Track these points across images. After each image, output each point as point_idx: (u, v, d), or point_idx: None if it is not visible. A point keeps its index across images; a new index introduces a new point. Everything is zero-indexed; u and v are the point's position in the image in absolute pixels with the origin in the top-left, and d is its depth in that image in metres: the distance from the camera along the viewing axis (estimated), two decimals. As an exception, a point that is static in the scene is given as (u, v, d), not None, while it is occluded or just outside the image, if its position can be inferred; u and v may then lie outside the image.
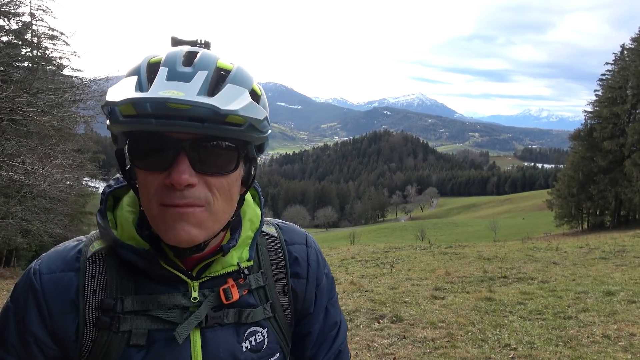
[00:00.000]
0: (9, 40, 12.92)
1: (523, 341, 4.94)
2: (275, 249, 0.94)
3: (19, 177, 8.45)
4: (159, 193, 0.73)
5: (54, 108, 9.29)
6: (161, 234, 0.75)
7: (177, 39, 0.79)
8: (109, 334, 0.79)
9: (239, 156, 0.76)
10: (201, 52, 0.75)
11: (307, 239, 0.99)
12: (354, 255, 13.58)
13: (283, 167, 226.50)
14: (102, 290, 0.81)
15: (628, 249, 11.43)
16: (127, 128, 0.70)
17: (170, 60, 0.73)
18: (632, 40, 39.68)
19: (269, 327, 0.88)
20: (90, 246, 0.84)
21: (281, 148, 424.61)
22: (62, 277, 0.81)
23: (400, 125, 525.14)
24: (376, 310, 6.49)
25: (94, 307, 0.80)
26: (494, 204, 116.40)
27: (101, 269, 0.82)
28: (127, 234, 0.81)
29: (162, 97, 0.66)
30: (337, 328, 1.00)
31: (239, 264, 0.85)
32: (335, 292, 1.03)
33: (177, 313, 0.80)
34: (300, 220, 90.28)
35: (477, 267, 9.75)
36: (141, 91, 0.69)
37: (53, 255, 0.84)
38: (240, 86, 0.73)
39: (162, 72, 0.71)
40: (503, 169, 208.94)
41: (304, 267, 0.95)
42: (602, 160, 39.64)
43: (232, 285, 0.84)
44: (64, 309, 0.80)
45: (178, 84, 0.69)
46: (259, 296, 0.88)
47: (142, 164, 0.73)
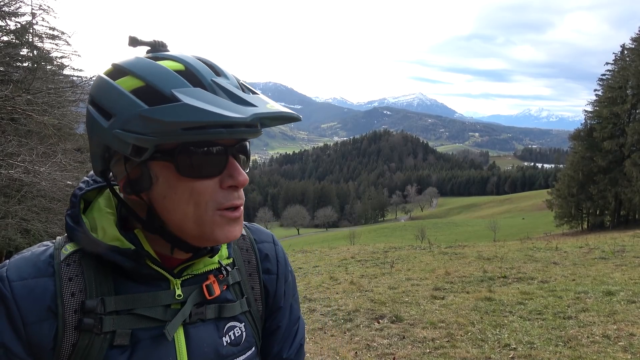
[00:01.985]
0: (9, 40, 12.91)
1: (523, 341, 4.94)
2: (246, 247, 0.98)
3: (19, 175, 8.45)
4: (215, 198, 0.75)
5: (54, 107, 9.29)
6: (213, 236, 0.77)
7: (135, 38, 0.77)
8: (90, 336, 0.76)
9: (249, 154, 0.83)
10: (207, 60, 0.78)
11: (273, 238, 1.04)
12: (354, 255, 13.57)
13: (283, 167, 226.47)
14: (81, 292, 0.78)
15: (628, 249, 11.42)
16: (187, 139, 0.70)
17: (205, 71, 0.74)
18: (632, 40, 39.69)
19: (245, 321, 0.91)
20: (62, 249, 0.81)
21: (281, 148, 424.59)
22: (35, 283, 0.76)
23: (400, 125, 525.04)
24: (376, 310, 6.49)
25: (73, 310, 0.77)
26: (493, 204, 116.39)
27: (77, 271, 0.79)
28: (109, 235, 0.79)
29: (279, 111, 0.71)
30: (298, 323, 1.03)
31: (220, 262, 0.89)
32: (296, 289, 1.08)
33: (160, 311, 0.80)
34: (300, 220, 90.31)
35: (476, 267, 9.75)
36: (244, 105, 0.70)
37: (21, 261, 0.79)
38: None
39: (229, 85, 0.73)
40: (503, 169, 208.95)
41: (274, 263, 0.99)
42: (602, 160, 39.65)
43: (214, 281, 0.86)
44: (39, 317, 0.75)
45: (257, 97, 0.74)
46: (235, 292, 0.91)
47: (194, 173, 0.74)
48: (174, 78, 0.71)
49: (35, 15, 12.57)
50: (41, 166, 8.89)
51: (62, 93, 9.76)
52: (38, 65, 10.80)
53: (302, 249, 18.62)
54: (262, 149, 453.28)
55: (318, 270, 11.09)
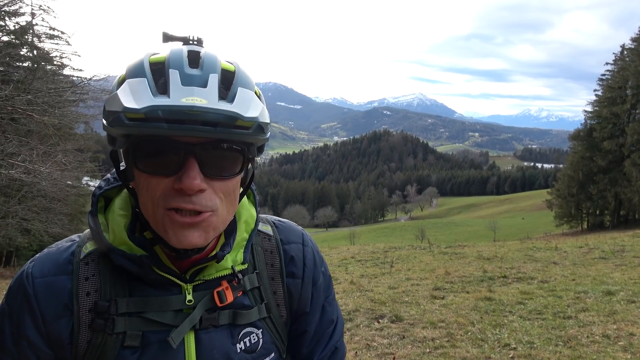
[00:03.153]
0: (10, 40, 12.92)
1: (523, 341, 4.95)
2: (271, 248, 0.93)
3: (19, 175, 8.45)
4: (165, 197, 0.72)
5: (54, 107, 9.29)
6: (166, 238, 0.75)
7: (168, 34, 0.77)
8: (103, 335, 0.79)
9: (244, 158, 0.76)
10: (204, 52, 0.74)
11: (303, 238, 0.98)
12: (354, 255, 13.56)
13: (283, 166, 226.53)
14: (96, 292, 0.80)
15: (628, 249, 11.42)
16: (133, 131, 0.68)
17: (176, 61, 0.71)
18: (631, 40, 39.70)
19: (263, 328, 0.88)
20: (83, 247, 0.84)
21: (281, 148, 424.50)
22: (54, 280, 0.80)
23: (400, 125, 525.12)
24: (376, 310, 6.49)
25: (88, 309, 0.80)
26: (493, 203, 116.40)
27: (95, 270, 0.81)
28: (119, 239, 0.81)
29: (187, 105, 0.65)
30: (333, 325, 0.99)
31: (233, 267, 0.85)
32: (333, 289, 1.03)
33: (171, 315, 0.80)
34: (300, 220, 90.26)
35: (476, 267, 9.76)
36: (159, 95, 0.67)
37: (45, 257, 0.83)
38: (248, 89, 0.74)
39: (173, 75, 0.69)
40: (503, 169, 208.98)
41: (300, 266, 0.94)
42: (602, 160, 39.66)
43: (227, 287, 0.84)
44: (57, 314, 0.79)
45: (196, 89, 0.68)
46: (254, 297, 0.88)
47: (147, 168, 0.72)
48: (136, 69, 0.71)
49: (35, 15, 12.58)
50: (41, 166, 8.89)
51: (62, 93, 9.76)
52: (38, 65, 10.81)
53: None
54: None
55: (318, 270, 11.08)
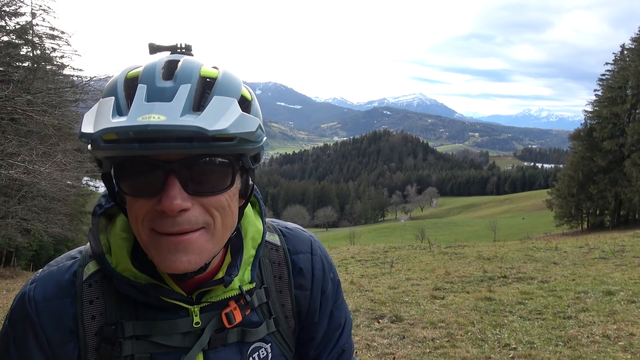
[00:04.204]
0: (10, 40, 12.92)
1: (523, 341, 4.94)
2: (279, 260, 0.91)
3: (19, 175, 8.45)
4: (149, 219, 0.68)
5: (54, 107, 9.29)
6: (155, 262, 0.71)
7: (154, 45, 0.74)
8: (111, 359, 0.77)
9: (234, 171, 0.71)
10: (182, 61, 0.70)
11: (312, 246, 0.95)
12: (354, 255, 13.57)
13: (283, 167, 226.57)
14: (101, 315, 0.78)
15: (628, 249, 11.42)
16: (110, 154, 0.65)
17: (148, 75, 0.67)
18: (632, 40, 39.71)
19: (272, 341, 0.87)
20: (85, 267, 0.81)
21: (281, 148, 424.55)
22: (58, 305, 0.78)
23: (400, 125, 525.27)
24: (376, 310, 6.49)
25: (94, 332, 0.78)
26: (493, 203, 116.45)
27: (99, 293, 0.79)
28: (122, 265, 0.78)
29: (142, 124, 0.60)
30: (340, 329, 0.98)
31: (241, 288, 0.82)
32: (341, 293, 1.01)
33: (178, 338, 0.78)
34: (300, 220, 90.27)
35: (476, 267, 9.75)
36: (119, 115, 0.63)
37: (47, 279, 0.80)
38: (228, 96, 0.68)
39: (140, 91, 0.65)
40: (503, 169, 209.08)
41: (309, 278, 0.92)
42: (602, 160, 39.67)
43: (235, 308, 0.82)
44: (63, 339, 0.77)
45: (159, 105, 0.63)
46: (262, 312, 0.86)
47: (129, 190, 0.69)
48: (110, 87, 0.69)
49: (35, 15, 12.57)
50: (41, 166, 8.89)
51: (62, 93, 9.76)
52: (38, 65, 10.81)
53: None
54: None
55: (318, 270, 11.09)
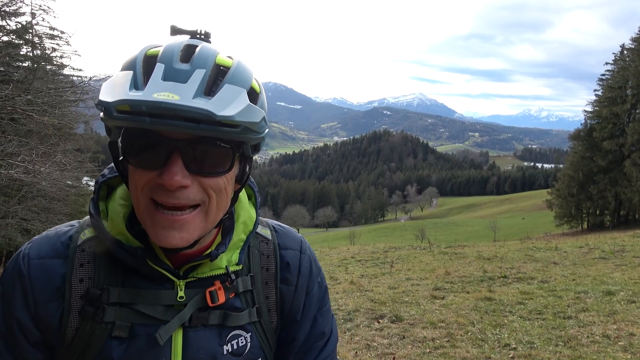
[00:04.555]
0: (10, 40, 12.92)
1: (523, 341, 4.95)
2: (268, 252, 0.93)
3: (19, 175, 8.45)
4: (149, 188, 0.72)
5: (54, 107, 9.29)
6: (149, 234, 0.75)
7: (176, 27, 0.77)
8: (92, 323, 0.79)
9: (233, 156, 0.75)
10: (200, 47, 0.73)
11: (301, 246, 0.97)
12: (354, 255, 13.58)
13: (283, 167, 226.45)
14: (90, 279, 0.80)
15: (628, 249, 11.43)
16: (121, 124, 0.69)
17: (167, 55, 0.71)
18: (632, 40, 39.70)
19: (252, 332, 0.87)
20: (81, 233, 0.84)
21: (281, 148, 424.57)
22: (50, 263, 0.80)
23: (400, 125, 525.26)
24: (376, 310, 6.49)
25: (79, 295, 0.80)
26: (493, 203, 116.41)
27: (90, 257, 0.82)
28: (116, 229, 0.81)
29: (157, 101, 0.64)
30: (325, 339, 0.98)
31: (227, 268, 0.84)
32: (328, 301, 1.01)
33: (161, 310, 0.80)
34: (300, 220, 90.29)
35: (476, 267, 9.75)
36: (136, 89, 0.68)
37: (44, 240, 0.84)
38: (239, 85, 0.72)
39: (157, 70, 0.69)
40: (503, 169, 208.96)
41: (295, 274, 0.93)
42: (602, 160, 39.67)
43: (219, 288, 0.83)
44: (49, 297, 0.79)
45: (174, 85, 0.67)
46: (246, 299, 0.88)
47: (134, 161, 0.73)
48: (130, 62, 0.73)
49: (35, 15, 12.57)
50: (41, 166, 8.89)
51: (62, 93, 9.75)
52: (38, 65, 10.81)
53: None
54: (262, 149, 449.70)
55: (318, 270, 11.09)
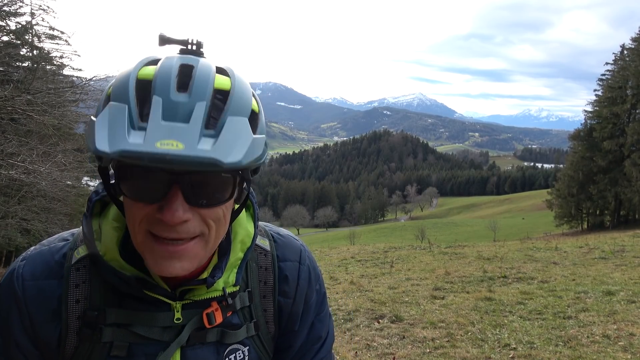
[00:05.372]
0: (9, 40, 12.91)
1: (523, 341, 4.94)
2: (266, 265, 0.91)
3: (19, 175, 8.45)
4: (147, 222, 0.69)
5: (53, 107, 9.29)
6: (148, 265, 0.72)
7: (165, 37, 0.72)
8: (90, 343, 0.78)
9: (234, 184, 0.72)
10: (197, 70, 0.68)
11: (301, 256, 0.95)
12: (354, 255, 13.57)
13: (283, 167, 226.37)
14: (86, 299, 0.79)
15: (628, 249, 11.42)
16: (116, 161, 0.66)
17: (162, 84, 0.65)
18: (632, 40, 39.74)
19: (250, 345, 0.87)
20: (75, 251, 0.82)
21: (281, 148, 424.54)
22: (45, 285, 0.79)
23: (400, 125, 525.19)
24: (376, 310, 6.49)
25: (76, 316, 0.79)
26: (493, 203, 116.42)
27: (85, 277, 0.80)
28: (110, 254, 0.78)
29: (160, 153, 0.59)
30: (321, 342, 0.98)
31: (224, 290, 0.83)
32: (326, 306, 1.01)
33: (158, 331, 0.79)
34: (300, 220, 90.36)
35: (476, 267, 9.75)
36: (133, 128, 0.62)
37: (37, 257, 0.81)
38: (240, 115, 0.67)
39: (155, 107, 0.63)
40: (503, 169, 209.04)
41: (293, 286, 0.92)
42: (602, 160, 39.69)
43: (217, 309, 0.82)
44: (46, 318, 0.78)
45: (176, 128, 0.61)
46: (244, 315, 0.87)
47: (129, 192, 0.69)
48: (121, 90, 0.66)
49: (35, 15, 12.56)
50: (41, 166, 8.89)
51: (62, 93, 9.75)
52: (38, 65, 10.81)
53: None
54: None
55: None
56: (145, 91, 0.66)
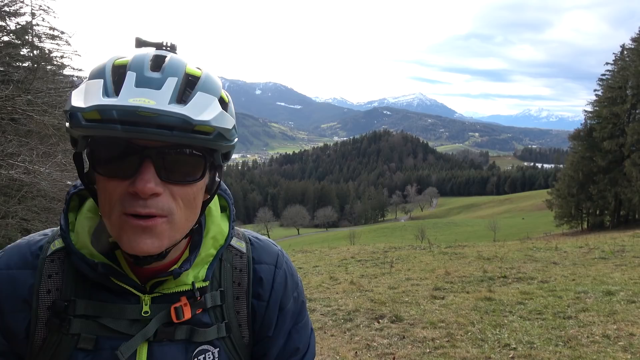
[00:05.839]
0: (10, 40, 12.92)
1: (523, 341, 4.95)
2: (241, 266, 0.90)
3: (19, 175, 8.45)
4: (121, 201, 0.70)
5: (54, 107, 9.29)
6: (120, 243, 0.73)
7: (141, 40, 0.77)
8: (59, 334, 0.79)
9: (205, 164, 0.75)
10: (169, 57, 0.73)
11: (277, 260, 0.94)
12: (354, 255, 13.57)
13: (283, 167, 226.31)
14: (57, 290, 0.80)
15: (628, 249, 11.42)
16: (90, 133, 0.68)
17: (137, 64, 0.70)
18: (632, 40, 39.71)
19: (221, 347, 0.86)
20: (52, 244, 0.84)
21: (281, 148, 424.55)
22: (17, 274, 0.80)
23: (400, 125, 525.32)
24: (376, 310, 6.50)
25: (46, 306, 0.80)
26: (493, 203, 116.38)
27: (59, 269, 0.82)
28: (81, 242, 0.80)
29: (133, 106, 0.64)
30: (299, 355, 0.96)
31: (194, 284, 0.83)
32: (306, 317, 0.99)
33: (126, 324, 0.79)
34: (300, 220, 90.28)
35: (476, 267, 9.75)
36: (108, 96, 0.66)
37: (14, 249, 0.84)
38: (210, 94, 0.72)
39: (130, 77, 0.68)
40: (503, 169, 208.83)
41: (267, 289, 0.91)
42: (602, 160, 39.66)
43: (185, 304, 0.82)
44: (15, 307, 0.80)
45: (148, 91, 0.67)
46: (215, 315, 0.86)
47: (103, 170, 0.71)
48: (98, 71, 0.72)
49: (35, 15, 12.57)
50: (41, 166, 8.89)
51: (62, 93, 9.76)
52: (38, 65, 10.82)
53: (302, 249, 18.63)
54: (262, 149, 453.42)
55: (318, 270, 11.09)
56: (120, 72, 0.71)
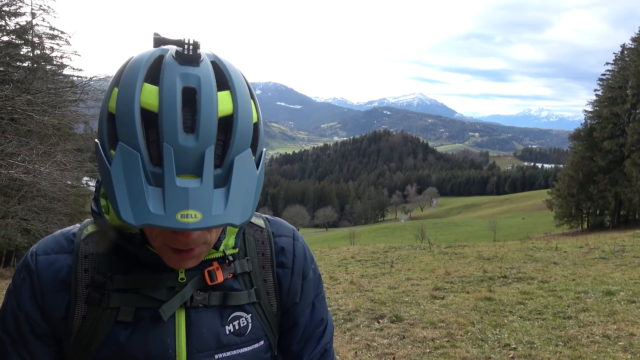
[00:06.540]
0: (10, 40, 12.91)
1: (523, 341, 4.95)
2: (262, 239, 0.96)
3: (19, 175, 8.45)
4: (163, 235, 0.75)
5: (53, 107, 9.29)
6: (163, 259, 0.79)
7: (160, 38, 0.72)
8: (98, 310, 0.82)
9: None
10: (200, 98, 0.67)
11: (294, 233, 1.01)
12: (354, 255, 13.58)
13: (283, 166, 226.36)
14: (94, 269, 0.85)
15: (628, 249, 11.43)
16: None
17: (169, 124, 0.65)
18: (632, 40, 39.73)
19: (253, 313, 0.90)
20: (84, 229, 0.89)
21: (281, 148, 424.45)
22: (56, 258, 0.85)
23: (400, 125, 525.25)
24: (376, 310, 6.49)
25: (85, 284, 0.84)
26: (493, 203, 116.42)
27: (94, 249, 0.86)
28: (116, 220, 0.83)
29: (182, 227, 0.64)
30: (323, 325, 1.01)
31: (224, 251, 0.88)
32: (322, 289, 1.05)
33: (164, 292, 0.83)
34: (300, 220, 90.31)
35: (476, 267, 9.75)
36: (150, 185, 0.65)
37: (50, 238, 0.89)
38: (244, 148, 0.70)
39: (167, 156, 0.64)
40: (503, 169, 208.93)
41: (290, 257, 0.96)
42: (602, 160, 39.67)
43: (217, 268, 0.86)
44: (55, 288, 0.84)
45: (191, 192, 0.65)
46: (244, 282, 0.90)
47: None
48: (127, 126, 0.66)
49: (35, 15, 12.58)
50: (41, 166, 8.89)
51: (62, 93, 9.76)
52: (38, 65, 10.82)
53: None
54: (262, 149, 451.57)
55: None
56: (151, 126, 0.66)
